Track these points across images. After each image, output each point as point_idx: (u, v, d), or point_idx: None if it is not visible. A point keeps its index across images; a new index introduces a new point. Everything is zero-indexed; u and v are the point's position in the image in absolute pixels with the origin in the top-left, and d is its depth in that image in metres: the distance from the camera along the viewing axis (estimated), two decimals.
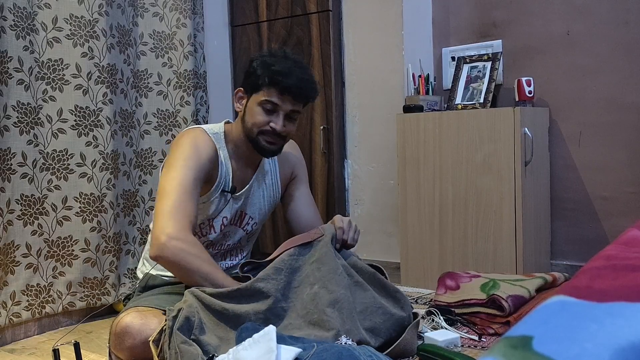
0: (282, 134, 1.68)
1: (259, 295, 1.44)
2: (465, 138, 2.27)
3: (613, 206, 2.35)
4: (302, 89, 1.65)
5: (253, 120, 1.67)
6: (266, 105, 1.65)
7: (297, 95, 1.65)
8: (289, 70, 1.64)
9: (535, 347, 0.54)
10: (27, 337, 2.13)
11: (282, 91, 1.64)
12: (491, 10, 2.56)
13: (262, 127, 1.66)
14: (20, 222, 2.09)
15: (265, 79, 1.64)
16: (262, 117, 1.66)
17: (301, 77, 1.65)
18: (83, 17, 2.25)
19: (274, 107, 1.65)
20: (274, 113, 1.66)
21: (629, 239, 0.83)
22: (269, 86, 1.64)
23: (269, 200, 1.84)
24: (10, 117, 2.06)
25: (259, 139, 1.68)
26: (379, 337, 1.47)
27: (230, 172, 1.73)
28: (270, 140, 1.68)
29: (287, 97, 1.65)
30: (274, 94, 1.64)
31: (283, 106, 1.65)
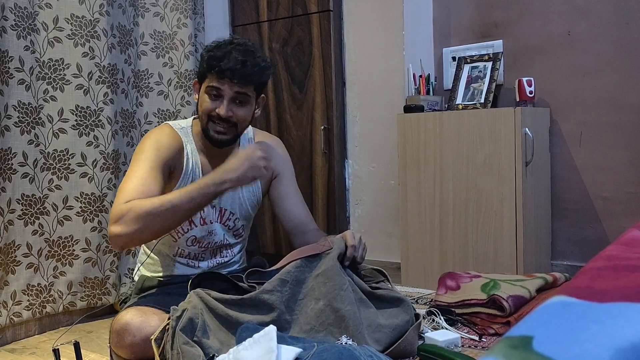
0: (230, 120, 1.66)
1: (263, 307, 1.43)
2: (465, 138, 2.27)
3: (614, 206, 2.35)
4: (238, 71, 1.63)
5: (201, 107, 1.69)
6: (211, 92, 1.66)
7: (235, 77, 1.63)
8: (226, 53, 1.64)
9: (535, 347, 0.54)
10: (27, 337, 2.13)
11: (219, 75, 1.63)
12: (492, 11, 2.56)
13: (208, 114, 1.66)
14: (21, 222, 2.09)
15: (204, 65, 1.66)
16: (208, 103, 1.66)
17: (240, 59, 1.63)
18: (84, 17, 2.25)
19: (218, 92, 1.65)
20: (219, 98, 1.66)
21: (630, 240, 0.83)
22: (209, 72, 1.65)
23: (249, 196, 1.82)
24: (11, 117, 2.06)
25: (208, 128, 1.68)
26: (383, 343, 1.47)
27: (200, 165, 1.73)
28: (219, 130, 1.67)
29: (226, 80, 1.64)
30: (214, 78, 1.65)
31: (225, 90, 1.64)
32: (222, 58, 1.63)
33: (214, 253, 1.83)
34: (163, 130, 1.73)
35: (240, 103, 1.68)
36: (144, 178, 1.57)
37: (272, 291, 1.44)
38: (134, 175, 1.58)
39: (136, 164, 1.61)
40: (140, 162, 1.61)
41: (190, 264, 1.78)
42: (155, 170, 1.60)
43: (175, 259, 1.78)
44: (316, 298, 1.47)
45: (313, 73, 2.91)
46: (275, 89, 3.05)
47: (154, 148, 1.65)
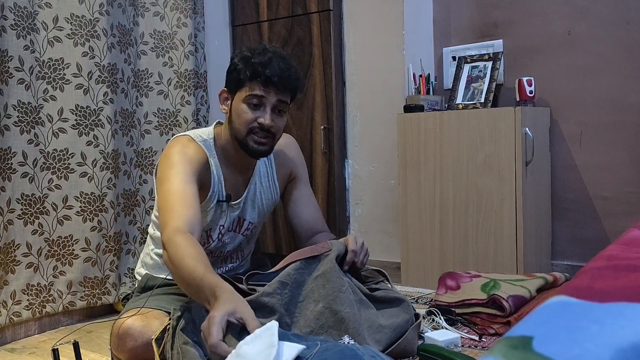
0: (271, 131, 1.61)
1: (264, 310, 1.43)
2: (465, 138, 2.27)
3: (614, 206, 2.35)
4: (285, 78, 1.60)
5: (240, 119, 1.61)
6: (251, 100, 1.60)
7: (280, 85, 1.59)
8: (269, 60, 1.59)
9: (535, 347, 0.53)
10: (27, 337, 2.13)
11: (265, 82, 1.58)
12: (492, 10, 2.56)
13: (250, 125, 1.60)
14: (20, 222, 2.09)
15: (247, 73, 1.59)
16: (249, 113, 1.60)
17: (282, 66, 1.60)
18: (84, 17, 2.25)
19: (260, 101, 1.60)
20: (260, 107, 1.60)
21: (630, 239, 0.83)
22: (251, 80, 1.59)
23: (267, 202, 1.81)
24: (10, 117, 2.06)
25: (248, 140, 1.62)
26: (383, 343, 1.47)
27: (222, 180, 1.67)
28: (260, 141, 1.61)
29: (271, 88, 1.59)
30: (257, 86, 1.59)
31: (269, 98, 1.60)
32: (267, 65, 1.58)
33: (225, 260, 1.81)
34: (187, 144, 1.63)
35: (280, 112, 1.64)
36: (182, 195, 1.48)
37: (272, 294, 1.44)
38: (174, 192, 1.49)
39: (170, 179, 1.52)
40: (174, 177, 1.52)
41: None
42: (190, 184, 1.52)
43: None
44: (315, 300, 1.47)
45: (313, 73, 2.91)
46: None
47: (182, 160, 1.56)
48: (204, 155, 1.64)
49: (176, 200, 1.48)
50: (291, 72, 1.62)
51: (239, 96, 1.62)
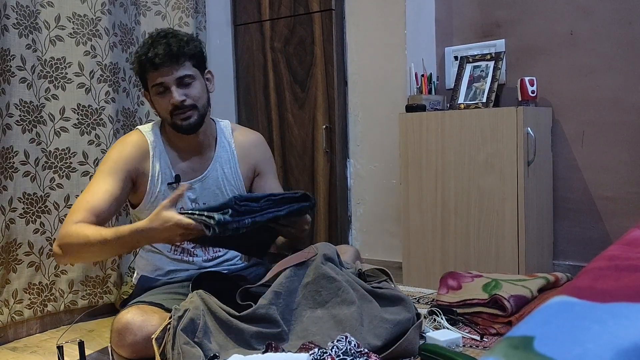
0: (186, 103, 1.66)
1: (262, 321, 1.44)
2: (467, 137, 2.26)
3: (616, 206, 2.34)
4: (167, 54, 1.62)
5: (160, 109, 1.70)
6: (157, 90, 1.66)
7: (166, 62, 1.62)
8: (150, 45, 1.63)
9: (536, 347, 0.53)
10: (29, 335, 2.13)
11: (154, 67, 1.63)
12: (494, 10, 2.56)
13: (168, 110, 1.67)
14: (22, 221, 2.09)
15: (138, 68, 1.67)
16: (162, 101, 1.67)
17: (163, 42, 1.63)
18: (86, 16, 2.25)
19: (163, 86, 1.65)
20: (167, 91, 1.65)
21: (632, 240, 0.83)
22: (144, 72, 1.66)
23: (231, 190, 1.83)
24: (12, 116, 2.06)
25: (174, 121, 1.68)
26: (383, 338, 1.47)
27: (169, 165, 1.74)
28: (183, 116, 1.67)
29: (163, 70, 1.63)
30: (151, 75, 1.65)
31: (167, 80, 1.64)
32: (147, 51, 1.63)
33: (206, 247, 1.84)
34: (128, 138, 1.76)
35: (187, 85, 1.67)
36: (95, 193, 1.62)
37: (269, 305, 1.44)
38: (88, 190, 1.65)
39: (95, 177, 1.68)
40: (98, 174, 1.68)
41: (184, 258, 1.80)
42: (110, 182, 1.64)
43: (169, 255, 1.79)
44: (312, 307, 1.47)
45: (315, 72, 2.91)
46: (277, 88, 3.05)
47: (113, 159, 1.69)
48: (143, 145, 1.73)
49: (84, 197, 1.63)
50: (171, 44, 1.63)
51: (150, 90, 1.70)
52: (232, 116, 3.16)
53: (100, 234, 1.53)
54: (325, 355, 1.25)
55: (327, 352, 1.26)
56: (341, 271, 1.57)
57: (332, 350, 1.28)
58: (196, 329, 1.40)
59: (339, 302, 1.48)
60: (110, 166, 1.67)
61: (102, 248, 1.53)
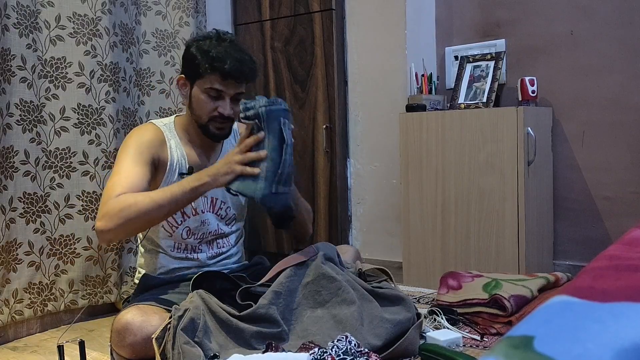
0: (230, 117, 1.72)
1: (262, 321, 1.44)
2: (468, 137, 2.26)
3: (616, 206, 2.34)
4: (242, 71, 1.68)
5: (200, 108, 1.71)
6: (211, 93, 1.69)
7: (238, 78, 1.68)
8: (226, 53, 1.66)
9: (536, 347, 0.53)
10: (29, 335, 2.13)
11: (223, 77, 1.66)
12: (495, 10, 2.56)
13: (211, 114, 1.70)
14: (22, 220, 2.10)
15: (206, 66, 1.67)
16: (209, 104, 1.69)
17: (239, 58, 1.68)
18: (86, 15, 2.26)
19: (219, 94, 1.69)
20: (220, 99, 1.69)
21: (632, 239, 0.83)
22: (210, 73, 1.67)
23: None
24: (13, 115, 2.06)
25: (209, 126, 1.72)
26: (383, 338, 1.47)
27: (185, 156, 1.76)
28: (220, 126, 1.72)
29: (230, 82, 1.67)
30: (216, 80, 1.67)
31: (227, 91, 1.68)
32: (224, 59, 1.65)
33: (210, 244, 1.84)
34: (145, 128, 1.77)
35: (237, 100, 1.72)
36: (129, 173, 1.61)
37: (269, 305, 1.44)
38: (119, 172, 1.62)
39: (120, 162, 1.66)
40: (124, 159, 1.66)
41: (188, 256, 1.79)
42: (140, 165, 1.64)
43: (173, 253, 1.79)
44: (312, 307, 1.47)
45: (315, 72, 2.91)
46: (278, 88, 3.05)
47: (136, 145, 1.69)
48: (160, 135, 1.74)
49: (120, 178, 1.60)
50: (246, 63, 1.70)
51: (199, 86, 1.70)
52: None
53: (149, 195, 1.54)
54: (326, 355, 1.25)
55: (327, 352, 1.26)
56: (341, 271, 1.57)
57: (332, 350, 1.28)
58: (196, 328, 1.40)
59: (339, 302, 1.48)
60: (135, 151, 1.67)
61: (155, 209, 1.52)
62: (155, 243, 1.79)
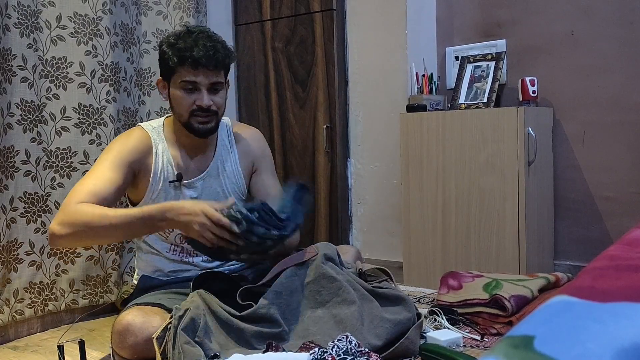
0: (211, 109, 1.66)
1: (263, 321, 1.44)
2: (468, 138, 2.26)
3: (617, 206, 2.34)
4: (212, 58, 1.61)
5: (179, 105, 1.66)
6: (185, 86, 1.64)
7: (209, 64, 1.62)
8: (194, 42, 1.61)
9: (536, 346, 0.53)
10: (30, 335, 2.13)
11: (194, 65, 1.61)
12: (495, 10, 2.56)
13: (190, 109, 1.65)
14: (23, 220, 2.10)
15: (174, 59, 1.62)
16: (186, 99, 1.64)
17: (208, 45, 1.61)
18: (87, 15, 2.26)
19: (194, 85, 1.63)
20: (196, 91, 1.64)
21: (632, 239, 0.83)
22: (180, 65, 1.62)
23: (232, 188, 1.82)
24: (13, 115, 2.06)
25: (191, 122, 1.67)
26: (384, 338, 1.47)
27: (172, 162, 1.72)
28: (203, 120, 1.66)
29: (201, 70, 1.62)
30: (187, 71, 1.62)
31: (201, 80, 1.63)
32: (192, 48, 1.60)
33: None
34: (132, 132, 1.74)
35: (216, 91, 1.68)
36: (99, 179, 1.58)
37: (270, 305, 1.44)
38: (91, 175, 1.61)
39: (97, 164, 1.63)
40: (101, 162, 1.63)
41: (184, 259, 1.78)
42: (114, 171, 1.61)
43: (168, 255, 1.78)
44: (312, 307, 1.47)
45: (316, 72, 2.91)
46: (278, 88, 3.05)
47: (117, 150, 1.66)
48: (146, 141, 1.71)
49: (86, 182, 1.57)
50: (218, 48, 1.63)
51: (174, 83, 1.66)
52: (233, 116, 3.16)
53: (106, 213, 1.49)
54: (326, 355, 1.25)
55: (327, 352, 1.26)
56: (342, 271, 1.57)
57: (333, 349, 1.28)
58: (197, 328, 1.40)
59: (339, 302, 1.48)
60: (114, 156, 1.64)
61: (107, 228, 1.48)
62: (151, 245, 1.78)
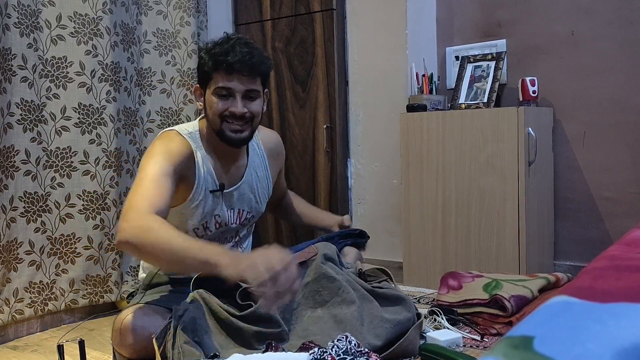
0: (245, 117, 1.62)
1: (262, 321, 1.43)
2: (468, 138, 2.26)
3: (617, 207, 2.34)
4: (247, 63, 1.59)
5: (212, 111, 1.63)
6: (220, 92, 1.61)
7: (244, 71, 1.60)
8: (230, 48, 1.59)
9: (536, 347, 0.53)
10: (29, 334, 2.13)
11: (228, 70, 1.59)
12: (495, 10, 2.56)
13: (221, 114, 1.62)
14: (23, 220, 2.10)
15: (210, 64, 1.61)
16: (219, 104, 1.61)
17: (244, 51, 1.59)
18: (87, 15, 2.26)
19: (228, 91, 1.61)
20: (230, 97, 1.62)
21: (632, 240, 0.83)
22: (216, 70, 1.61)
23: (262, 192, 1.85)
24: (14, 115, 2.06)
25: (224, 129, 1.63)
26: (383, 338, 1.47)
27: (212, 171, 1.69)
28: (235, 128, 1.63)
29: (236, 76, 1.60)
30: (222, 77, 1.60)
31: (236, 87, 1.61)
32: (228, 53, 1.59)
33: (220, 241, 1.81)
34: (171, 138, 1.65)
35: (251, 98, 1.64)
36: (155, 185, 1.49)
37: None
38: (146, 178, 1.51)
39: (146, 169, 1.54)
40: (152, 166, 1.54)
41: None
42: (166, 177, 1.53)
43: None
44: (312, 307, 1.47)
45: (316, 72, 2.91)
46: (278, 88, 3.05)
47: (163, 152, 1.58)
48: (188, 149, 1.65)
49: (149, 186, 1.48)
50: (254, 54, 1.61)
51: (209, 89, 1.64)
52: None
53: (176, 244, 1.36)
54: (326, 355, 1.25)
55: (327, 352, 1.26)
56: (341, 271, 1.57)
57: (333, 349, 1.27)
58: (197, 328, 1.40)
59: (339, 302, 1.48)
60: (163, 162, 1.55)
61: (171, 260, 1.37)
62: None
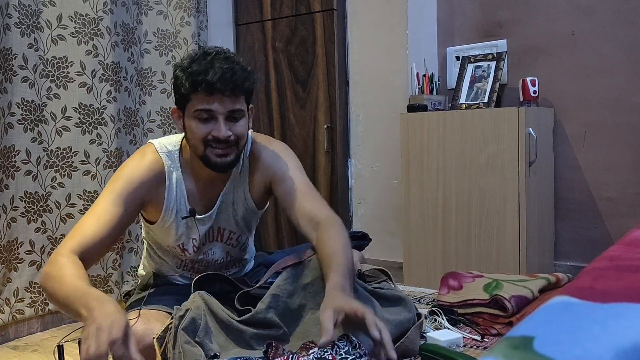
0: (230, 141, 1.45)
1: (262, 324, 1.43)
2: (469, 138, 2.26)
3: (617, 207, 2.34)
4: (229, 81, 1.40)
5: (193, 136, 1.46)
6: (200, 115, 1.43)
7: (226, 91, 1.41)
8: (209, 65, 1.40)
9: (536, 347, 0.53)
10: (30, 334, 2.13)
11: (208, 91, 1.40)
12: (496, 10, 2.55)
13: (204, 139, 1.45)
14: (24, 219, 2.10)
15: (187, 85, 1.41)
16: (201, 129, 1.44)
17: (224, 67, 1.40)
18: (87, 15, 2.26)
19: (209, 114, 1.43)
20: (212, 120, 1.44)
21: (633, 240, 0.83)
22: (194, 92, 1.42)
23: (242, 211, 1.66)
24: (14, 115, 2.06)
25: (208, 155, 1.47)
26: None
27: (185, 195, 1.56)
28: (221, 153, 1.46)
29: (217, 96, 1.41)
30: (201, 99, 1.41)
31: (218, 109, 1.42)
32: (207, 71, 1.40)
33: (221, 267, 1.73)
34: (144, 157, 1.54)
35: (235, 119, 1.46)
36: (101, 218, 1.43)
37: (268, 309, 1.44)
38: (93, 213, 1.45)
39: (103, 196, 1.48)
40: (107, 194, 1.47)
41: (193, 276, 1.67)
42: (119, 206, 1.45)
43: (179, 271, 1.74)
44: (312, 309, 1.47)
45: (316, 72, 2.91)
46: (279, 88, 3.05)
47: (125, 180, 1.49)
48: (159, 170, 1.53)
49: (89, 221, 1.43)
50: (235, 70, 1.42)
51: (188, 112, 1.46)
52: None
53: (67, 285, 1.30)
54: (326, 355, 1.25)
55: (327, 352, 1.26)
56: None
57: (333, 349, 1.28)
58: (197, 328, 1.40)
59: None
60: (122, 187, 1.47)
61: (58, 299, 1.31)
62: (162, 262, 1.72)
